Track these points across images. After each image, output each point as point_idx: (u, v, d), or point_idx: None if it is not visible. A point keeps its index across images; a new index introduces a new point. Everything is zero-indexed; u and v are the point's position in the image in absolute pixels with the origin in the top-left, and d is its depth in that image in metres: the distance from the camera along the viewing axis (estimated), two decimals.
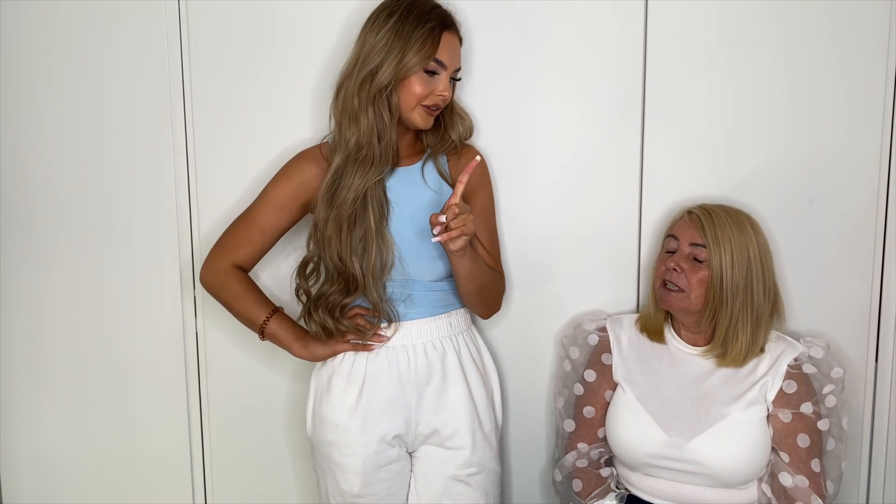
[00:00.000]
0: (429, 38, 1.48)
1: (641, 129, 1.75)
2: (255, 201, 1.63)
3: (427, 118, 1.55)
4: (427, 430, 1.61)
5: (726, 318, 1.55)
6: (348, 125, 1.51)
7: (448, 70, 1.52)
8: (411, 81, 1.49)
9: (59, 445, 1.94)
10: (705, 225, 1.56)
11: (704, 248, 1.55)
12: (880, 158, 1.70)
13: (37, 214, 1.86)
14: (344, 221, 1.52)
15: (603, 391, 1.69)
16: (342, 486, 1.61)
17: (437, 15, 1.51)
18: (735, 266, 1.53)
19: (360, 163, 1.50)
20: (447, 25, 1.52)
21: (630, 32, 1.72)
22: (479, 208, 1.64)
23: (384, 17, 1.50)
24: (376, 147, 1.50)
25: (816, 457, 1.56)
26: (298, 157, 1.63)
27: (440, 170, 1.61)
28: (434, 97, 1.52)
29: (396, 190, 1.57)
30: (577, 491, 1.69)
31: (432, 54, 1.49)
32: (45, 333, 1.90)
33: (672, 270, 1.57)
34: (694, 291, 1.56)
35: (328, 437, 1.61)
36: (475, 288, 1.59)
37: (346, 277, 1.54)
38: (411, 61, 1.47)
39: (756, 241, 1.57)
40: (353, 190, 1.51)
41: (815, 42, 1.68)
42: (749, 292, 1.55)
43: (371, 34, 1.50)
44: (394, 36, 1.48)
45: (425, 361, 1.60)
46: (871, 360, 1.77)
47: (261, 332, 1.63)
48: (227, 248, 1.63)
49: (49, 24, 1.78)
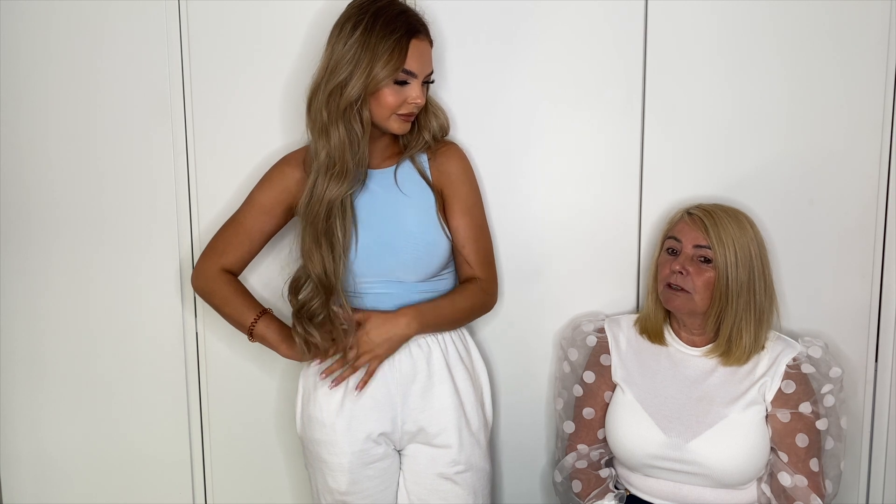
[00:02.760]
0: (396, 49, 1.46)
1: (641, 129, 1.75)
2: (242, 206, 1.65)
3: (403, 125, 1.54)
4: (413, 429, 1.61)
5: (731, 317, 1.55)
6: (318, 138, 1.51)
7: (419, 77, 1.51)
8: (382, 94, 1.49)
9: (59, 445, 1.94)
10: (708, 226, 1.55)
11: (710, 249, 1.55)
12: (880, 158, 1.71)
13: (37, 215, 1.86)
14: (321, 234, 1.52)
15: (602, 392, 1.69)
16: (331, 484, 1.62)
17: (404, 22, 1.48)
18: (739, 265, 1.53)
19: (333, 177, 1.51)
20: (414, 32, 1.49)
21: (630, 32, 1.72)
22: (462, 207, 1.62)
23: (350, 28, 1.47)
24: (349, 161, 1.51)
25: (815, 456, 1.56)
26: (282, 162, 1.64)
27: (419, 168, 1.61)
28: (407, 105, 1.51)
29: (374, 192, 1.58)
30: (577, 492, 1.69)
31: (400, 66, 1.47)
32: (45, 333, 1.90)
33: (678, 273, 1.57)
34: (699, 293, 1.55)
35: (316, 436, 1.62)
36: (452, 327, 1.64)
37: (327, 287, 1.54)
38: (380, 74, 1.46)
39: (755, 238, 1.57)
40: (324, 203, 1.51)
41: (815, 42, 1.68)
42: (752, 290, 1.55)
43: (338, 45, 1.48)
44: (361, 48, 1.46)
45: (410, 360, 1.60)
46: (871, 360, 1.77)
47: (249, 333, 1.65)
48: (216, 253, 1.65)
49: (49, 25, 1.78)
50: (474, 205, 1.65)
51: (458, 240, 1.63)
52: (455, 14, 1.71)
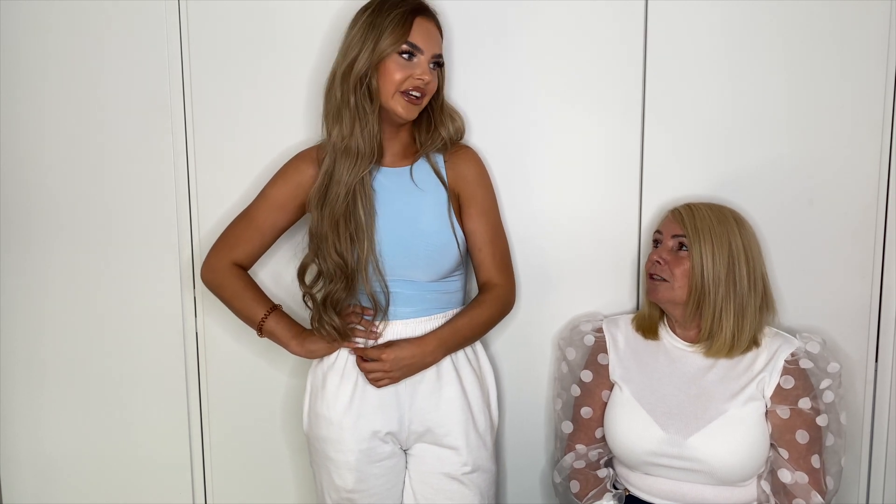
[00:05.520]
0: (400, 22, 1.50)
1: (641, 129, 1.75)
2: (255, 201, 1.65)
3: (409, 107, 1.54)
4: (421, 429, 1.61)
5: (710, 307, 1.56)
6: (333, 123, 1.54)
7: (426, 55, 1.52)
8: (388, 67, 1.50)
9: (59, 446, 1.94)
10: (685, 216, 1.59)
11: (686, 238, 1.57)
12: (880, 158, 1.71)
13: (37, 214, 1.86)
14: (339, 218, 1.53)
15: (600, 391, 1.69)
16: (336, 482, 1.62)
17: (409, 2, 1.53)
18: (716, 256, 1.55)
19: (345, 155, 1.52)
20: (419, 11, 1.53)
21: (630, 32, 1.72)
22: (479, 210, 1.63)
23: (359, 14, 1.54)
24: (359, 136, 1.52)
25: (816, 453, 1.56)
26: (297, 158, 1.64)
27: (435, 168, 1.61)
28: (413, 80, 1.52)
29: (389, 190, 1.58)
30: (575, 492, 1.70)
31: (404, 36, 1.50)
32: (45, 333, 1.90)
33: (656, 263, 1.60)
34: (678, 281, 1.57)
35: (322, 434, 1.62)
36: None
37: (347, 274, 1.55)
38: (384, 44, 1.49)
39: (739, 232, 1.58)
40: (343, 185, 1.52)
41: (815, 42, 1.68)
42: (731, 283, 1.56)
43: (350, 31, 1.53)
44: (368, 27, 1.51)
45: None
46: (871, 359, 1.77)
47: (259, 328, 1.64)
48: (227, 246, 1.65)
49: (49, 25, 1.78)
50: (491, 208, 1.66)
51: (475, 242, 1.63)
52: (459, 15, 1.71)
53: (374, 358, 1.55)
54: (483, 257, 1.64)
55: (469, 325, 1.61)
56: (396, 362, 1.55)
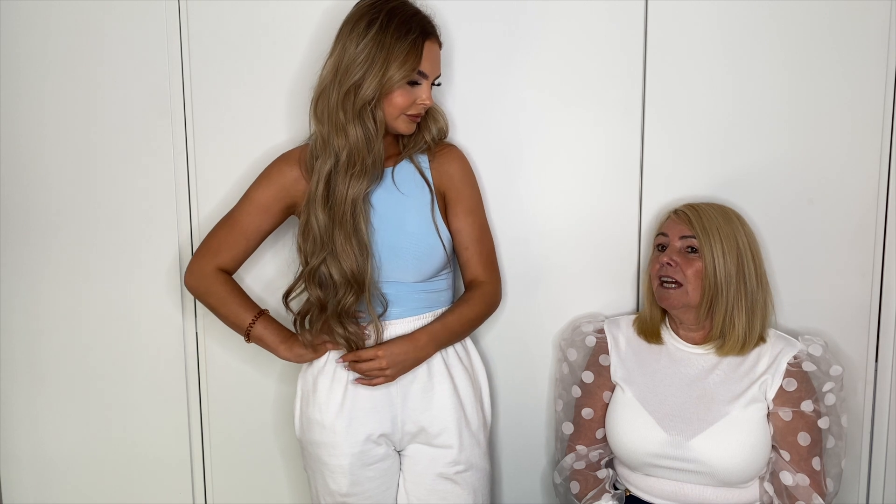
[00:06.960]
0: (412, 51, 1.47)
1: (641, 129, 1.75)
2: (238, 204, 1.63)
3: (410, 125, 1.55)
4: (414, 429, 1.61)
5: (722, 306, 1.56)
6: (336, 136, 1.50)
7: (430, 79, 1.52)
8: (395, 94, 1.49)
9: (59, 446, 1.94)
10: (692, 217, 1.58)
11: (695, 239, 1.57)
12: (880, 158, 1.71)
13: (36, 214, 1.86)
14: (350, 230, 1.52)
15: (601, 392, 1.69)
16: (331, 486, 1.61)
17: (418, 24, 1.49)
18: (726, 254, 1.55)
19: (355, 175, 1.51)
20: (428, 34, 1.51)
21: (630, 32, 1.72)
22: (465, 210, 1.63)
23: (364, 27, 1.47)
24: (367, 158, 1.51)
25: (817, 455, 1.56)
26: (279, 160, 1.63)
27: (419, 168, 1.61)
28: (417, 106, 1.52)
29: (375, 193, 1.58)
30: (575, 493, 1.70)
31: (416, 67, 1.48)
32: (45, 333, 1.90)
33: (667, 265, 1.59)
34: (691, 283, 1.57)
35: (315, 438, 1.61)
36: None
37: (360, 281, 1.54)
38: (396, 76, 1.47)
39: (743, 231, 1.59)
40: (348, 200, 1.51)
41: (815, 42, 1.68)
42: (742, 280, 1.56)
43: (351, 44, 1.48)
44: (376, 48, 1.46)
45: None
46: (871, 359, 1.77)
47: (246, 334, 1.64)
48: (211, 252, 1.63)
49: (48, 25, 1.78)
50: (477, 206, 1.66)
51: (461, 241, 1.63)
52: (455, 14, 1.71)
53: (370, 357, 1.55)
54: (469, 256, 1.64)
55: (458, 321, 1.61)
56: (392, 357, 1.54)
